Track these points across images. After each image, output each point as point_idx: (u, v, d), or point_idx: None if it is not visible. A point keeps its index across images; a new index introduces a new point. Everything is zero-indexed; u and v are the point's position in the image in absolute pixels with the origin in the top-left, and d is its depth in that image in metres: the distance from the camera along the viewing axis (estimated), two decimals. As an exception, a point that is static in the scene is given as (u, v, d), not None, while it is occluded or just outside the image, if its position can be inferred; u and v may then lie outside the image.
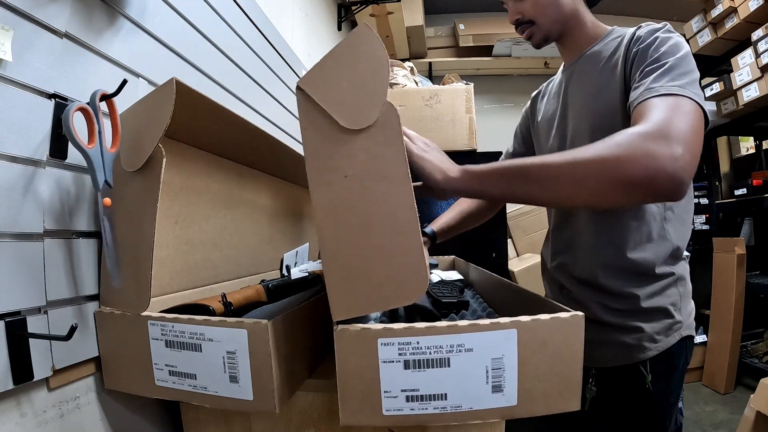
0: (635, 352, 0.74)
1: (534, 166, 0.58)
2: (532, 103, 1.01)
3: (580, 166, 0.55)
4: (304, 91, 0.51)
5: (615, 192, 0.54)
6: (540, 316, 0.48)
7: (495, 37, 3.03)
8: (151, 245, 0.53)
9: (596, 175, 0.54)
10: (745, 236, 2.68)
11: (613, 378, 0.77)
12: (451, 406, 0.48)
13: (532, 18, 0.79)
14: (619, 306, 0.76)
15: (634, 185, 0.53)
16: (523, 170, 0.58)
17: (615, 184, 0.54)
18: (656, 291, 0.75)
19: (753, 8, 2.33)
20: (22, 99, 0.50)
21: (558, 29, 0.81)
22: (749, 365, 2.37)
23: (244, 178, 0.96)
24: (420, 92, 1.76)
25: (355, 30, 0.50)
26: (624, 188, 0.54)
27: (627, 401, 0.76)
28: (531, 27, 0.80)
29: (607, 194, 0.55)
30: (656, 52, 0.66)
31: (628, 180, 0.53)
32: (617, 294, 0.76)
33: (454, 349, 0.47)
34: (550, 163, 0.57)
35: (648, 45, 0.68)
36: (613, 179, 0.53)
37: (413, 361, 0.48)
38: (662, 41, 0.67)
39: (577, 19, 0.80)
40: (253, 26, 1.12)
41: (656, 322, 0.74)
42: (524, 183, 0.58)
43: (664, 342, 0.74)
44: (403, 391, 0.48)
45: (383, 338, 0.48)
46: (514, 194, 0.60)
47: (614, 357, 0.76)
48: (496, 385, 0.48)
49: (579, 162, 0.55)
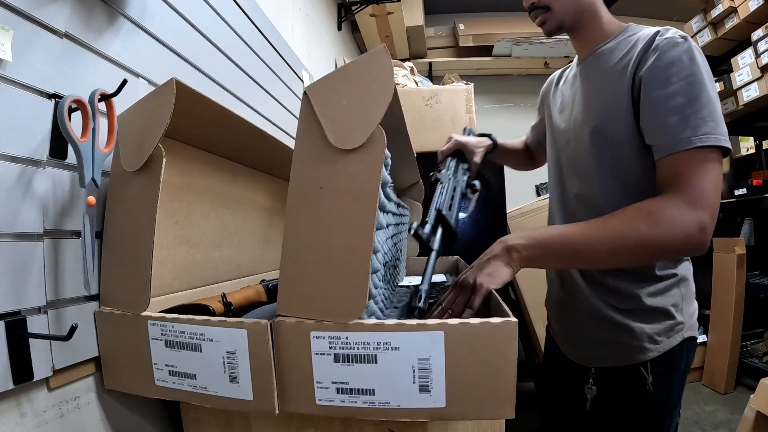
0: (636, 353, 0.74)
1: (581, 244, 0.65)
2: (549, 85, 1.00)
3: (625, 248, 0.64)
4: (308, 98, 0.52)
5: (649, 260, 0.72)
6: (469, 320, 0.48)
7: (495, 37, 3.03)
8: (151, 245, 0.53)
9: (636, 253, 0.64)
10: (745, 236, 2.67)
11: (613, 378, 0.77)
12: (379, 401, 0.49)
13: (547, 3, 0.78)
14: (621, 305, 0.76)
15: (666, 256, 0.69)
16: (572, 248, 0.66)
17: (652, 258, 0.70)
18: (658, 291, 0.75)
19: (753, 8, 2.33)
20: (22, 99, 0.50)
21: (572, 19, 0.79)
22: (749, 365, 2.37)
23: (244, 178, 0.96)
24: (420, 92, 1.76)
25: (372, 51, 0.51)
26: (658, 258, 0.71)
27: (627, 402, 0.76)
28: (545, 13, 0.79)
29: (642, 262, 0.71)
30: (677, 78, 0.65)
31: (664, 255, 0.68)
32: (619, 292, 0.76)
33: (381, 347, 0.49)
34: (596, 240, 0.65)
35: (666, 67, 0.66)
36: (652, 256, 0.68)
37: (342, 355, 0.50)
38: (682, 64, 0.65)
39: (593, 12, 0.79)
40: (253, 26, 1.12)
41: (657, 323, 0.74)
42: (572, 259, 0.68)
43: (666, 343, 0.74)
44: (333, 383, 0.50)
45: (315, 332, 0.50)
46: (564, 265, 0.77)
47: (614, 357, 0.76)
48: (423, 385, 0.49)
49: (624, 243, 0.64)
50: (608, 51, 0.77)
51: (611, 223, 0.65)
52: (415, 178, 1.39)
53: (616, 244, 0.64)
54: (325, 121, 0.51)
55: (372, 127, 0.49)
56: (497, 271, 0.65)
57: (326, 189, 0.50)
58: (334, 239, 0.50)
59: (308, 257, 0.51)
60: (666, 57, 0.66)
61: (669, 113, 0.65)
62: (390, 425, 0.55)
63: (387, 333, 0.49)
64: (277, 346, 0.51)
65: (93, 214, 0.55)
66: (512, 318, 0.48)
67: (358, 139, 0.49)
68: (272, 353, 0.51)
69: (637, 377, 0.74)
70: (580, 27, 0.81)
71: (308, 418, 0.58)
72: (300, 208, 0.52)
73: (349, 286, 0.49)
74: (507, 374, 0.48)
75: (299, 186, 0.52)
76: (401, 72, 2.00)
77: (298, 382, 0.51)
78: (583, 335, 0.81)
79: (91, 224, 0.54)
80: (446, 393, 0.48)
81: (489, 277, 0.64)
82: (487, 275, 0.64)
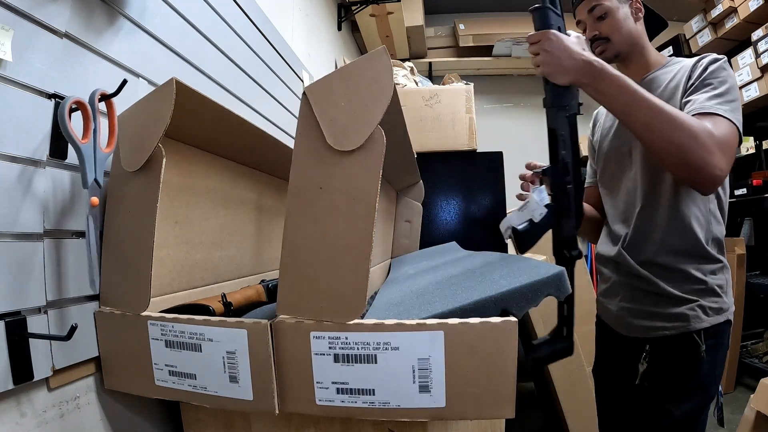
0: (692, 321, 0.85)
1: (645, 101, 0.76)
2: (594, 124, 1.14)
3: (661, 125, 0.75)
4: (308, 98, 0.52)
5: (666, 154, 0.78)
6: (469, 320, 0.48)
7: (495, 37, 3.03)
8: (151, 245, 0.53)
9: (665, 135, 0.75)
10: (745, 236, 2.67)
11: (668, 348, 0.87)
12: (379, 401, 0.49)
13: (608, 35, 0.93)
14: (679, 280, 0.87)
15: (682, 160, 0.76)
16: (637, 98, 0.77)
17: (668, 154, 0.77)
18: (712, 271, 0.88)
19: (753, 8, 2.33)
20: (22, 99, 0.50)
21: (627, 50, 0.95)
22: (749, 365, 2.37)
23: (244, 178, 0.96)
24: (420, 92, 1.76)
25: (372, 52, 0.51)
26: (672, 157, 0.77)
27: (681, 369, 0.85)
28: (606, 44, 0.94)
29: (666, 154, 0.78)
30: (712, 76, 0.83)
31: (681, 157, 0.76)
32: (678, 270, 0.87)
33: (381, 347, 0.49)
34: (659, 109, 0.76)
35: (705, 68, 0.84)
36: (670, 151, 0.76)
37: (342, 356, 0.50)
38: (718, 70, 0.83)
39: (642, 43, 0.96)
40: (253, 26, 1.11)
41: (709, 298, 0.86)
42: (625, 100, 0.77)
43: (715, 318, 0.85)
44: (333, 383, 0.50)
45: (315, 332, 0.50)
46: (615, 101, 0.79)
47: (673, 326, 0.86)
48: (423, 385, 0.49)
49: (677, 125, 0.75)
50: (660, 76, 0.93)
51: (670, 108, 0.76)
52: (415, 178, 1.39)
53: (670, 124, 0.75)
54: (324, 122, 0.51)
55: (371, 128, 0.49)
56: (558, 70, 0.77)
57: (326, 189, 0.51)
58: (333, 239, 0.50)
59: (308, 257, 0.51)
60: (708, 65, 0.85)
61: (701, 92, 0.82)
62: (390, 425, 0.55)
63: (387, 333, 0.48)
64: (277, 346, 0.51)
65: (96, 214, 0.55)
66: (512, 318, 0.48)
67: (356, 141, 0.49)
68: (272, 353, 0.50)
69: (692, 345, 0.84)
70: (631, 57, 0.96)
71: (308, 418, 0.58)
72: (300, 209, 0.52)
73: (349, 286, 0.49)
74: (507, 374, 0.47)
75: (299, 186, 0.52)
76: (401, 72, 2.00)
77: (298, 382, 0.51)
78: (642, 311, 0.91)
79: (95, 224, 0.55)
80: (446, 393, 0.48)
81: (548, 67, 0.77)
82: (548, 65, 0.77)
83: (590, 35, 0.95)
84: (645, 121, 0.76)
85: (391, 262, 1.33)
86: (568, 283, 0.55)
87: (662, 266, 0.89)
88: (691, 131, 0.74)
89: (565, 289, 0.54)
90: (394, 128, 0.73)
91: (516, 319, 0.48)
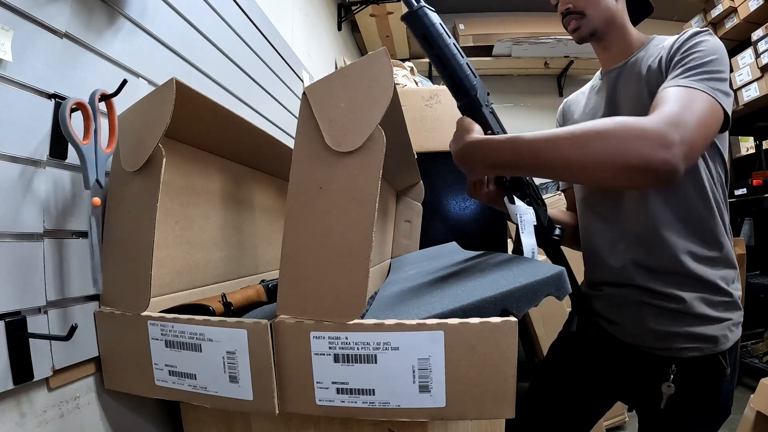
0: (720, 343, 0.75)
1: (550, 137, 0.63)
2: (564, 110, 1.03)
3: (592, 139, 0.61)
4: (307, 99, 0.52)
5: (607, 170, 0.61)
6: (469, 320, 0.48)
7: (495, 37, 3.03)
8: (151, 245, 0.53)
9: (602, 164, 0.60)
10: (745, 236, 2.68)
11: (695, 370, 0.77)
12: (379, 401, 0.49)
13: (583, 9, 0.80)
14: (712, 297, 0.76)
15: (631, 169, 0.60)
16: (539, 140, 0.63)
17: (612, 161, 0.60)
18: (732, 279, 0.78)
19: (753, 8, 2.33)
20: (22, 99, 0.50)
21: (604, 26, 0.82)
22: (749, 365, 2.37)
23: (244, 178, 0.96)
24: (420, 92, 1.76)
25: (372, 53, 0.51)
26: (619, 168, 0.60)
27: (706, 391, 0.77)
28: (581, 19, 0.81)
29: (600, 171, 0.61)
30: (690, 50, 0.71)
31: (627, 164, 0.59)
32: (715, 286, 0.76)
33: (381, 347, 0.49)
34: (566, 134, 0.62)
35: (684, 43, 0.73)
36: (614, 166, 0.60)
37: (342, 356, 0.50)
38: (698, 42, 0.71)
39: (622, 22, 0.83)
40: (253, 26, 1.12)
41: (732, 312, 0.76)
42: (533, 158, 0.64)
43: (734, 335, 0.77)
44: (333, 383, 0.50)
45: (315, 332, 0.50)
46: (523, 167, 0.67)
47: (698, 348, 0.75)
48: (423, 385, 0.48)
49: (591, 137, 0.61)
50: (642, 57, 0.80)
51: (581, 126, 0.63)
52: (415, 178, 1.39)
53: (581, 155, 0.61)
54: (323, 123, 0.51)
55: (371, 129, 0.49)
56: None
57: (326, 189, 0.51)
58: (333, 239, 0.50)
59: (308, 257, 0.51)
60: (688, 40, 0.73)
61: (676, 69, 0.70)
62: (390, 425, 0.55)
63: (387, 333, 0.48)
64: (277, 346, 0.51)
65: (99, 214, 0.55)
66: (512, 318, 0.48)
67: (356, 141, 0.49)
68: (272, 353, 0.50)
69: (717, 367, 0.76)
70: (608, 36, 0.84)
71: (308, 418, 0.58)
72: (299, 209, 0.52)
73: (349, 286, 0.49)
74: (507, 374, 0.47)
75: (298, 186, 0.52)
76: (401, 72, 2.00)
77: (298, 382, 0.51)
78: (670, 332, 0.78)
79: (97, 225, 0.55)
80: (446, 393, 0.48)
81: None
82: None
83: (563, 8, 0.82)
84: (561, 155, 0.62)
85: (391, 262, 1.33)
86: (569, 283, 0.55)
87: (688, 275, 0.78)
88: (614, 131, 0.61)
89: (565, 289, 0.54)
90: (395, 128, 0.73)
91: (516, 319, 0.48)
